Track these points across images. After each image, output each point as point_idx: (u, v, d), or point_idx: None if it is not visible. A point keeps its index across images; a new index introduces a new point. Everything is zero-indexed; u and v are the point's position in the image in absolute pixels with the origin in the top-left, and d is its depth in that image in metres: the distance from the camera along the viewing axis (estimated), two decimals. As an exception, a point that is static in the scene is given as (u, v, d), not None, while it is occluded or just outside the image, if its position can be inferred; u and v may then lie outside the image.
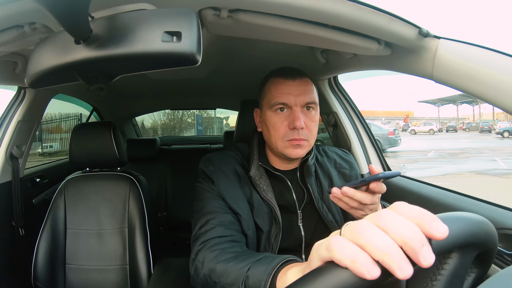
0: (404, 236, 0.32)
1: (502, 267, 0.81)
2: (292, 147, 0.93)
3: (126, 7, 0.62)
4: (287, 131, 0.93)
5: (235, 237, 0.87)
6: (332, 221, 1.00)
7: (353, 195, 0.72)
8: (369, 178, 0.71)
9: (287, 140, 0.93)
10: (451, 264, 0.41)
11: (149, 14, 0.47)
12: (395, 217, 0.34)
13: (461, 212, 0.40)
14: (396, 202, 0.36)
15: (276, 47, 1.29)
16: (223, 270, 0.73)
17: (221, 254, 0.78)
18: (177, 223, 2.54)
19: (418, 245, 0.31)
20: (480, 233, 0.41)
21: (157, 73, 1.67)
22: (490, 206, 0.96)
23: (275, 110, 0.94)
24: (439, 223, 0.32)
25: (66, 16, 0.42)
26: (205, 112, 10.45)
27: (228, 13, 0.74)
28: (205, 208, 0.93)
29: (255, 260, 0.69)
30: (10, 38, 0.72)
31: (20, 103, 1.45)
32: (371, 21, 0.73)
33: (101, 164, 1.58)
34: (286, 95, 0.93)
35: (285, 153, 0.94)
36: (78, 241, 1.46)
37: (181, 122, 12.13)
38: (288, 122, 0.92)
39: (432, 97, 25.76)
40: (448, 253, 0.40)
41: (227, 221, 0.90)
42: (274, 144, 0.95)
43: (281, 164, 1.03)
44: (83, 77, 0.52)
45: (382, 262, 0.32)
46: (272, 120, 0.94)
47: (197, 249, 0.85)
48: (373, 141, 1.59)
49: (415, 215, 0.34)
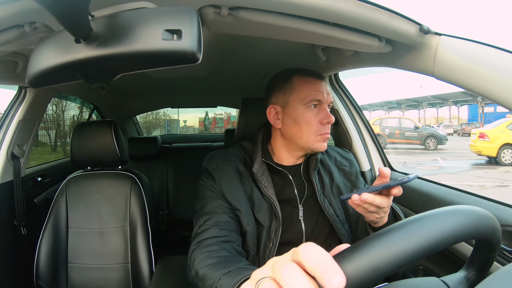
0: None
1: (504, 264, 0.81)
2: (322, 140, 1.00)
3: (126, 5, 0.62)
4: (320, 126, 0.99)
5: (229, 237, 0.92)
6: (333, 215, 1.02)
7: (372, 201, 0.72)
8: (393, 183, 0.69)
9: (320, 134, 0.99)
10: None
11: (149, 12, 0.47)
12: (290, 272, 0.33)
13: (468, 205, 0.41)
14: (304, 245, 0.34)
15: (277, 44, 1.29)
16: (203, 275, 0.79)
17: (207, 258, 0.84)
18: (179, 221, 2.55)
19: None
20: (483, 226, 0.41)
21: (158, 71, 1.67)
22: (492, 203, 0.96)
23: (309, 106, 0.99)
24: (333, 275, 0.30)
25: (67, 15, 0.42)
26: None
27: (228, 11, 0.74)
28: (204, 208, 0.98)
29: (226, 271, 0.73)
30: (11, 37, 0.72)
31: (21, 102, 1.45)
32: (372, 18, 0.73)
33: (102, 163, 1.58)
34: (321, 93, 0.99)
35: (315, 146, 1.00)
36: (80, 239, 1.46)
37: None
38: (321, 118, 0.99)
39: (380, 100, 26.14)
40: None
41: (223, 221, 0.94)
42: (305, 139, 0.99)
43: (289, 160, 1.07)
44: (83, 76, 0.52)
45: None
46: (306, 116, 0.99)
47: (192, 249, 0.91)
48: (374, 138, 1.59)
49: (314, 264, 0.32)
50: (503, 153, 8.26)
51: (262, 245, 0.97)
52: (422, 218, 0.39)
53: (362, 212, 0.78)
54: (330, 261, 0.31)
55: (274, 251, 0.96)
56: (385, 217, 0.82)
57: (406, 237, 0.36)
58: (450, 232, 0.38)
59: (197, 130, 12.35)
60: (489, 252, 0.48)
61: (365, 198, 0.70)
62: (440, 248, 0.37)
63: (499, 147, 8.27)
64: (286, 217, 0.99)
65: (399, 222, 0.39)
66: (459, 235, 0.39)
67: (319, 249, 0.33)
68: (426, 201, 1.13)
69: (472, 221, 0.41)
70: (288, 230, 0.99)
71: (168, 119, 11.94)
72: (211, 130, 12.10)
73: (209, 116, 12.31)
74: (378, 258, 0.34)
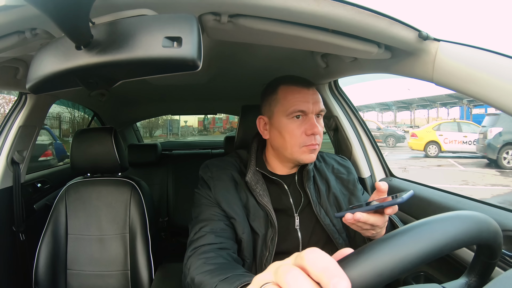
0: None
1: (505, 269, 0.81)
2: (308, 152, 0.97)
3: (126, 12, 0.62)
4: (305, 137, 0.96)
5: (225, 244, 0.91)
6: (329, 225, 1.01)
7: (366, 220, 0.70)
8: (386, 204, 0.68)
9: (305, 145, 0.96)
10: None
11: (149, 19, 0.47)
12: (294, 278, 0.32)
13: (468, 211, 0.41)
14: (308, 250, 0.33)
15: (277, 51, 1.29)
16: (199, 282, 0.78)
17: (203, 265, 0.82)
18: (179, 228, 2.53)
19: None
20: (485, 231, 0.41)
21: (158, 78, 1.68)
22: (492, 208, 0.95)
23: (292, 117, 0.97)
24: (338, 280, 0.29)
25: (67, 22, 0.42)
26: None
27: (228, 18, 0.74)
28: (200, 216, 0.98)
29: (223, 278, 0.73)
30: (11, 44, 0.72)
31: (21, 108, 1.45)
32: (371, 24, 0.73)
33: (102, 170, 1.58)
34: (305, 103, 0.96)
35: (300, 158, 0.97)
36: (79, 246, 1.46)
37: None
38: (306, 129, 0.96)
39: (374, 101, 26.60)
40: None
41: (219, 228, 0.94)
42: (289, 151, 0.97)
43: (282, 169, 1.06)
44: (84, 82, 0.52)
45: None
46: (289, 127, 0.97)
47: (188, 255, 0.90)
48: (374, 145, 1.59)
49: (319, 269, 0.31)
50: (428, 148, 11.41)
51: (258, 253, 0.96)
52: (426, 223, 0.39)
53: (357, 229, 0.77)
54: (336, 266, 0.31)
55: (271, 260, 0.95)
56: (383, 231, 0.80)
57: (411, 241, 0.36)
58: (454, 237, 0.38)
59: (196, 129, 12.93)
60: (490, 258, 0.48)
61: (359, 217, 0.69)
62: (444, 253, 0.37)
63: (425, 144, 11.40)
64: (282, 226, 0.99)
65: (403, 227, 0.39)
66: (463, 240, 0.39)
67: (324, 254, 0.32)
68: (426, 207, 1.13)
69: (475, 226, 0.41)
70: (285, 239, 0.98)
71: (170, 119, 12.42)
72: (210, 129, 12.56)
73: (208, 116, 12.48)
74: (382, 263, 0.34)
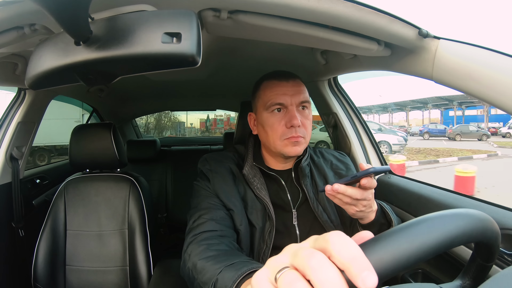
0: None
1: (503, 267, 0.81)
2: (291, 144, 0.96)
3: (126, 8, 0.62)
4: (285, 130, 0.96)
5: (225, 232, 0.91)
6: (327, 221, 1.01)
7: (344, 191, 0.73)
8: (360, 174, 0.72)
9: (286, 138, 0.96)
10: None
11: (149, 15, 0.47)
12: (320, 263, 0.29)
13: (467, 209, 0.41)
14: (333, 234, 0.31)
15: (276, 48, 1.29)
16: (202, 267, 0.77)
17: (205, 251, 0.81)
18: (178, 224, 2.54)
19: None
20: (481, 229, 0.42)
21: (157, 74, 1.67)
22: (491, 206, 0.96)
23: (271, 111, 0.98)
24: (368, 274, 0.27)
25: (66, 17, 0.42)
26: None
27: (228, 14, 0.74)
28: (200, 205, 0.98)
29: (228, 264, 0.71)
30: (10, 39, 0.72)
31: (20, 104, 1.45)
32: (371, 21, 0.73)
33: (101, 166, 1.57)
34: (282, 95, 0.96)
35: (284, 151, 0.97)
36: (78, 242, 1.46)
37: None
38: (286, 121, 0.96)
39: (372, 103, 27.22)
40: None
41: (219, 217, 0.94)
42: (273, 144, 0.98)
43: (276, 164, 1.07)
44: (83, 78, 0.52)
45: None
46: (269, 121, 0.98)
47: (188, 242, 0.89)
48: (373, 142, 1.59)
49: (346, 258, 0.29)
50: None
51: (256, 246, 0.97)
52: (440, 216, 0.39)
53: (339, 204, 0.79)
54: (363, 257, 0.29)
55: (268, 253, 0.95)
56: (371, 214, 0.83)
57: (427, 231, 0.37)
58: (464, 231, 0.39)
59: (199, 130, 13.94)
60: (487, 260, 0.49)
61: (336, 188, 0.72)
62: (454, 246, 0.38)
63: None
64: (280, 220, 0.99)
65: (418, 218, 0.39)
66: (471, 236, 0.40)
67: (350, 241, 0.30)
68: (424, 204, 1.13)
69: (481, 224, 0.41)
70: (283, 234, 0.99)
71: (178, 121, 13.27)
72: (211, 130, 13.50)
73: (210, 117, 13.53)
74: (400, 250, 0.34)
